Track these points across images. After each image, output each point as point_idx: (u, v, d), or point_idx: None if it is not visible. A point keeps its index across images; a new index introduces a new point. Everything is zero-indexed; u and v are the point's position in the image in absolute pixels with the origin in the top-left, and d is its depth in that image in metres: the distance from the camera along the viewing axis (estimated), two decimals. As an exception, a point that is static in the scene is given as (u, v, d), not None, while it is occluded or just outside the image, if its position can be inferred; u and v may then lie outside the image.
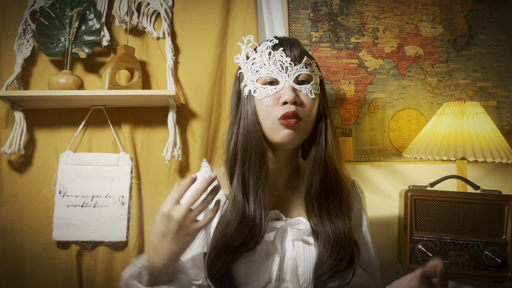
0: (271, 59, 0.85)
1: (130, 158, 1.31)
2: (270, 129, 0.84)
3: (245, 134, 0.85)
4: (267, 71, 0.85)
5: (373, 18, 1.51)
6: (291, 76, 0.84)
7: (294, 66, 0.85)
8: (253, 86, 0.86)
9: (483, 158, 1.20)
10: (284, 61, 0.85)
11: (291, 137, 0.83)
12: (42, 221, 1.28)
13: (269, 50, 0.86)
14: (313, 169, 0.86)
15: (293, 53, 0.86)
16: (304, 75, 0.86)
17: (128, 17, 1.33)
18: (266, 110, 0.84)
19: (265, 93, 0.84)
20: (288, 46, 0.87)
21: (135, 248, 1.27)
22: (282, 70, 0.84)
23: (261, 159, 0.84)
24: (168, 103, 1.28)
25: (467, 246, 1.10)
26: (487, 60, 1.52)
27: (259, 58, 0.86)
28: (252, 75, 0.86)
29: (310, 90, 0.85)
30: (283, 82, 0.84)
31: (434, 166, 1.47)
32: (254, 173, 0.83)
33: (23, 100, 1.24)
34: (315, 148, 0.87)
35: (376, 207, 1.40)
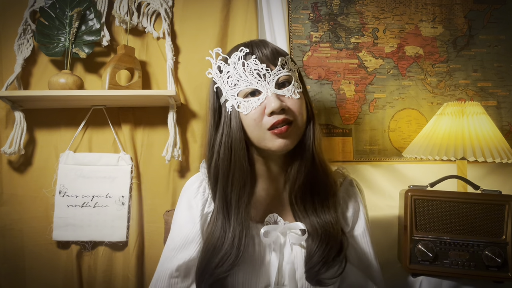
0: (246, 70, 0.81)
1: (130, 158, 1.31)
2: (262, 140, 0.82)
3: (229, 152, 0.82)
4: (246, 83, 0.81)
5: (373, 18, 1.51)
6: (271, 83, 0.81)
7: (272, 71, 0.81)
8: (235, 101, 0.82)
9: (483, 158, 1.20)
10: (260, 69, 0.81)
11: (286, 144, 0.81)
12: (42, 221, 1.28)
13: (241, 61, 0.82)
14: (300, 164, 0.84)
15: (265, 57, 0.82)
16: (283, 77, 0.82)
17: (128, 17, 1.33)
18: (254, 124, 0.81)
19: (250, 107, 0.80)
20: (259, 51, 0.83)
21: (135, 248, 1.27)
22: (261, 78, 0.81)
23: (245, 176, 0.82)
24: (168, 103, 1.28)
25: (467, 246, 1.10)
26: (487, 60, 1.52)
27: (233, 71, 0.83)
28: (230, 90, 0.83)
29: (293, 91, 0.82)
30: (265, 91, 0.80)
31: (434, 166, 1.47)
32: (237, 191, 0.81)
33: (23, 100, 1.24)
34: (304, 144, 0.85)
35: (376, 207, 1.40)
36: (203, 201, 0.88)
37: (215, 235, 0.81)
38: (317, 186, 0.85)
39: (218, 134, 0.85)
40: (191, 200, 0.89)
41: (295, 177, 0.84)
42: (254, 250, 0.82)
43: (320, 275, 0.78)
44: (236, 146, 0.82)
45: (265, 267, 0.82)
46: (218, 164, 0.84)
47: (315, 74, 1.47)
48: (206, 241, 0.82)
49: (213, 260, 0.78)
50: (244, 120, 0.82)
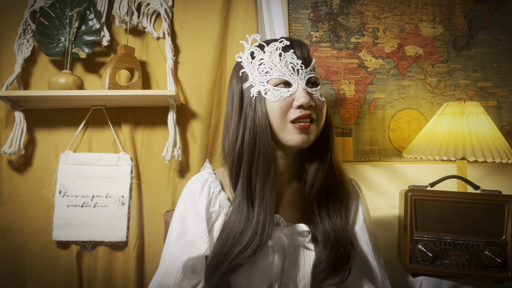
0: (282, 61, 0.83)
1: (130, 158, 1.31)
2: (282, 131, 0.82)
3: (253, 137, 0.82)
4: (279, 73, 0.83)
5: (373, 18, 1.51)
6: (303, 79, 0.83)
7: (305, 69, 0.84)
8: (263, 88, 0.83)
9: (483, 158, 1.20)
10: (296, 63, 0.83)
11: (304, 140, 0.82)
12: (42, 221, 1.28)
13: (279, 51, 0.84)
14: (318, 169, 0.85)
15: (303, 55, 0.85)
16: (314, 78, 0.85)
17: (128, 17, 1.33)
18: (279, 113, 0.81)
19: (279, 96, 0.82)
20: (299, 48, 0.85)
21: (135, 248, 1.27)
22: (294, 72, 0.83)
23: (270, 162, 0.82)
24: (168, 103, 1.28)
25: (467, 246, 1.10)
26: (487, 60, 1.52)
27: (268, 59, 0.84)
28: (260, 76, 0.84)
29: (320, 94, 0.85)
30: (295, 85, 0.82)
31: (434, 166, 1.47)
32: (261, 177, 0.82)
33: (23, 100, 1.24)
34: (322, 149, 0.86)
35: (376, 207, 1.39)
36: (207, 201, 0.87)
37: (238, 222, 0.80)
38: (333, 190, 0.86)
39: (242, 119, 0.85)
40: (196, 198, 0.87)
41: (314, 180, 0.85)
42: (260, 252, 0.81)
43: (324, 282, 0.79)
44: (261, 130, 0.82)
45: (268, 267, 0.82)
46: (242, 149, 0.83)
47: (315, 74, 1.47)
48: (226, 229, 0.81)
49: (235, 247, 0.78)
50: (270, 107, 0.82)
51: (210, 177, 0.89)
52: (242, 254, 0.77)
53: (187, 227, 0.85)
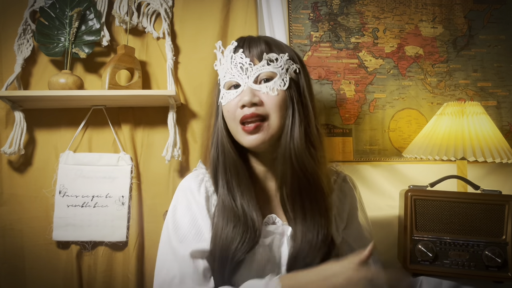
0: (233, 63, 0.83)
1: (130, 158, 1.31)
2: (236, 134, 0.83)
3: (221, 142, 0.85)
4: (230, 76, 0.84)
5: (373, 18, 1.51)
6: (251, 77, 0.82)
7: (254, 66, 0.82)
8: (222, 93, 0.85)
9: (483, 158, 1.20)
10: (244, 63, 0.82)
11: (256, 142, 0.80)
12: (42, 221, 1.28)
13: (231, 54, 0.84)
14: (283, 169, 0.82)
15: (252, 53, 0.83)
16: (265, 73, 0.82)
17: (128, 17, 1.33)
18: (229, 116, 0.83)
19: (228, 98, 0.83)
20: (248, 46, 0.84)
21: (135, 248, 1.27)
22: (242, 72, 0.82)
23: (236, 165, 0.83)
24: (168, 103, 1.28)
25: (467, 246, 1.10)
26: (487, 60, 1.52)
27: (225, 64, 0.85)
28: (221, 81, 0.86)
29: (272, 88, 0.81)
30: (243, 85, 0.82)
31: (434, 166, 1.47)
32: (235, 179, 0.83)
33: (23, 100, 1.24)
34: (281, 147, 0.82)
35: (376, 207, 1.39)
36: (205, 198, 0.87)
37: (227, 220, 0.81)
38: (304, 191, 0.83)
39: (216, 125, 0.88)
40: (196, 195, 0.87)
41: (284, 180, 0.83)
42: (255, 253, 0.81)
43: None
44: (223, 136, 0.85)
45: (264, 266, 0.82)
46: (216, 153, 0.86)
47: (315, 74, 1.47)
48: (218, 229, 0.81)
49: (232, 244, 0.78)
50: (224, 111, 0.85)
51: (205, 176, 0.90)
52: (241, 248, 0.77)
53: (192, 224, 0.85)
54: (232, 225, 0.80)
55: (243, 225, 0.79)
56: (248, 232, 0.79)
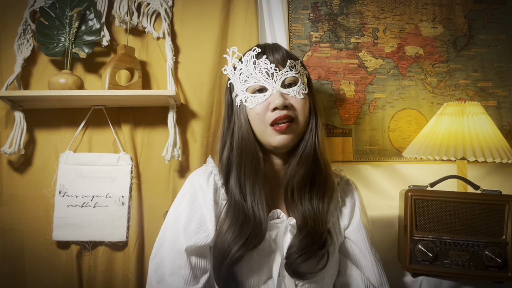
0: (257, 68, 0.88)
1: (130, 158, 1.31)
2: (263, 135, 0.88)
3: (240, 143, 0.89)
4: (255, 80, 0.88)
5: (373, 18, 1.51)
6: (278, 82, 0.87)
7: (279, 71, 0.88)
8: (244, 96, 0.89)
9: (483, 158, 1.20)
10: (269, 68, 0.88)
11: (285, 141, 0.87)
12: (42, 221, 1.28)
13: (253, 60, 0.89)
14: (299, 162, 0.89)
15: (275, 59, 0.89)
16: (290, 78, 0.89)
17: (128, 17, 1.33)
18: (257, 118, 0.87)
19: (255, 102, 0.87)
20: (271, 52, 0.90)
21: (135, 248, 1.27)
22: (269, 76, 0.88)
23: (256, 165, 0.88)
24: (168, 103, 1.28)
25: (467, 246, 1.10)
26: (487, 60, 1.52)
27: (245, 68, 0.89)
28: (241, 85, 0.90)
29: (298, 92, 0.88)
30: (271, 89, 0.87)
31: (434, 166, 1.47)
32: (250, 179, 0.87)
33: (23, 100, 1.24)
34: (304, 143, 0.90)
35: (376, 207, 1.39)
36: (213, 190, 0.90)
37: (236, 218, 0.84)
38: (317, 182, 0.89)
39: (230, 126, 0.93)
40: (204, 187, 0.90)
41: (294, 173, 0.89)
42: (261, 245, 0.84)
43: (296, 266, 0.81)
44: (246, 136, 0.88)
45: (268, 259, 0.85)
46: (231, 154, 0.90)
47: (315, 74, 1.47)
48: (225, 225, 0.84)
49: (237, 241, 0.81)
50: (250, 114, 0.89)
51: (214, 170, 0.94)
52: (245, 247, 0.80)
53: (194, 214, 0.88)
54: (239, 223, 0.83)
55: (252, 225, 0.83)
56: (255, 232, 0.82)
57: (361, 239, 0.92)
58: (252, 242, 0.81)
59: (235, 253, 0.80)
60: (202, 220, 0.87)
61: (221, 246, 0.82)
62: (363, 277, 0.90)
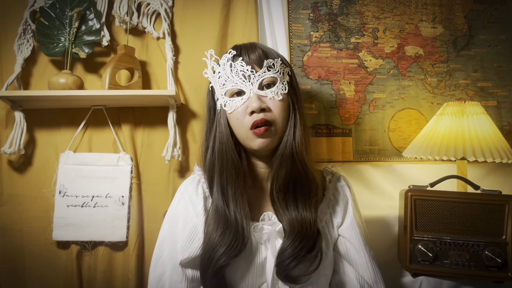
0: (233, 71, 0.86)
1: (130, 158, 1.31)
2: (245, 139, 0.87)
3: (220, 147, 0.88)
4: (232, 84, 0.87)
5: (373, 18, 1.51)
6: (255, 84, 0.86)
7: (256, 73, 0.86)
8: (223, 100, 0.88)
9: (483, 158, 1.20)
10: (245, 70, 0.86)
11: (264, 144, 0.86)
12: (42, 221, 1.28)
13: (229, 62, 0.87)
14: (280, 163, 0.87)
15: (251, 59, 0.87)
16: (267, 79, 0.87)
17: (128, 17, 1.33)
18: (237, 122, 0.87)
19: (234, 106, 0.86)
20: (246, 54, 0.88)
21: (135, 248, 1.27)
22: (245, 79, 0.86)
23: (237, 170, 0.87)
24: (168, 103, 1.28)
25: (467, 246, 1.10)
26: (487, 60, 1.52)
27: (223, 72, 0.88)
28: (220, 89, 0.89)
29: (276, 93, 0.87)
30: (248, 92, 0.86)
31: (434, 166, 1.47)
32: (232, 184, 0.86)
33: (23, 100, 1.24)
34: (283, 144, 0.88)
35: (376, 207, 1.39)
36: (203, 199, 0.90)
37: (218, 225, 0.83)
38: (298, 184, 0.88)
39: (212, 130, 0.91)
40: (193, 197, 0.90)
41: (277, 175, 0.87)
42: (251, 248, 0.84)
43: (289, 271, 0.80)
44: (225, 141, 0.87)
45: (261, 264, 0.84)
46: (213, 159, 0.89)
47: (315, 74, 1.47)
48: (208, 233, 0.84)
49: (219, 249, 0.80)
50: (229, 118, 0.88)
51: (202, 178, 0.94)
52: (227, 254, 0.80)
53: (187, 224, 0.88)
54: (221, 230, 0.82)
55: (233, 232, 0.82)
56: (236, 239, 0.81)
57: (354, 237, 0.91)
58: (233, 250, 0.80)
59: (217, 261, 0.80)
60: (194, 231, 0.87)
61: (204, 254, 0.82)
62: (357, 275, 0.89)
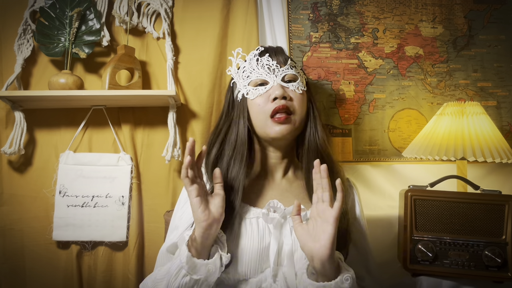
0: (259, 64, 0.95)
1: (130, 158, 1.31)
2: (263, 127, 0.92)
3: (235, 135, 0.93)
4: (257, 75, 0.94)
5: (373, 19, 1.51)
6: (279, 76, 0.94)
7: (281, 68, 0.94)
8: (245, 90, 0.95)
9: (483, 158, 1.20)
10: (271, 64, 0.94)
11: (283, 131, 0.90)
12: (42, 221, 1.28)
13: (256, 57, 0.96)
14: (309, 157, 0.93)
15: (278, 58, 0.96)
16: (290, 75, 0.95)
17: (128, 17, 1.33)
18: (258, 109, 0.92)
19: (257, 93, 0.93)
20: (274, 53, 0.97)
21: (135, 248, 1.27)
22: (270, 72, 0.94)
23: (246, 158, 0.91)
24: (168, 103, 1.28)
25: (467, 246, 1.10)
26: (487, 60, 1.52)
27: (248, 66, 0.96)
28: (243, 81, 0.96)
29: (297, 87, 0.94)
30: (272, 82, 0.93)
31: (434, 166, 1.47)
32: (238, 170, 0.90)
33: (23, 100, 1.24)
34: (308, 139, 0.95)
35: (376, 207, 1.39)
36: None
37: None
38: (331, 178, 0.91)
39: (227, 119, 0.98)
40: None
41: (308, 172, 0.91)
42: (258, 233, 0.86)
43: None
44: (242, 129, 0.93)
45: (266, 249, 0.86)
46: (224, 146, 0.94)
47: (314, 75, 1.47)
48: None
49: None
50: (250, 106, 0.94)
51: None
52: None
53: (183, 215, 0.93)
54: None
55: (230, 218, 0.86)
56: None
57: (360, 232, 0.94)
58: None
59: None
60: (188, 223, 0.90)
61: None
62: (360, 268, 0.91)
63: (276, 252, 0.84)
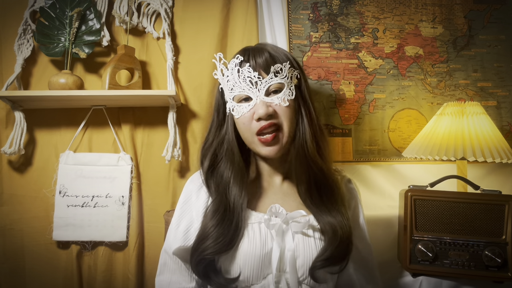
0: (241, 77, 0.87)
1: (130, 158, 1.31)
2: (251, 143, 0.89)
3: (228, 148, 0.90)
4: (239, 89, 0.87)
5: (373, 19, 1.51)
6: (262, 90, 0.86)
7: (263, 79, 0.86)
8: (231, 105, 0.89)
9: (483, 158, 1.20)
10: (252, 77, 0.86)
11: (272, 152, 0.87)
12: (42, 221, 1.28)
13: (237, 68, 0.87)
14: (296, 167, 0.89)
15: (258, 64, 0.87)
16: (274, 85, 0.87)
17: (128, 17, 1.33)
18: (244, 127, 0.88)
19: (241, 112, 0.87)
20: (253, 58, 0.88)
21: (135, 248, 1.27)
22: (252, 85, 0.86)
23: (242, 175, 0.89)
24: (168, 103, 1.28)
25: (467, 246, 1.10)
26: (487, 60, 1.52)
27: (231, 76, 0.88)
28: (229, 93, 0.90)
29: (282, 99, 0.86)
30: (255, 98, 0.86)
31: (434, 166, 1.47)
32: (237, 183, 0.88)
33: (23, 100, 1.24)
34: (294, 148, 0.89)
35: (376, 207, 1.39)
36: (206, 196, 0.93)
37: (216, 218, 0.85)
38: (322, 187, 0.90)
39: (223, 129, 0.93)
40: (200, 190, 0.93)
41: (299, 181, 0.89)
42: (260, 239, 0.85)
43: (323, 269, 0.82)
44: (231, 143, 0.90)
45: (268, 254, 0.85)
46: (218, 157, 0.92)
47: (315, 75, 1.47)
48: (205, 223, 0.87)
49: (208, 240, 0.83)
50: (237, 123, 0.90)
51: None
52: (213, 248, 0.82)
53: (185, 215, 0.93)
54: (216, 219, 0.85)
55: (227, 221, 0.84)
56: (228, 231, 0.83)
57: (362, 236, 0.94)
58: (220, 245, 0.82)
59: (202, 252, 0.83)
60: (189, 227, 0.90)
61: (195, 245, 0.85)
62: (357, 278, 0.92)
63: (278, 258, 0.83)
